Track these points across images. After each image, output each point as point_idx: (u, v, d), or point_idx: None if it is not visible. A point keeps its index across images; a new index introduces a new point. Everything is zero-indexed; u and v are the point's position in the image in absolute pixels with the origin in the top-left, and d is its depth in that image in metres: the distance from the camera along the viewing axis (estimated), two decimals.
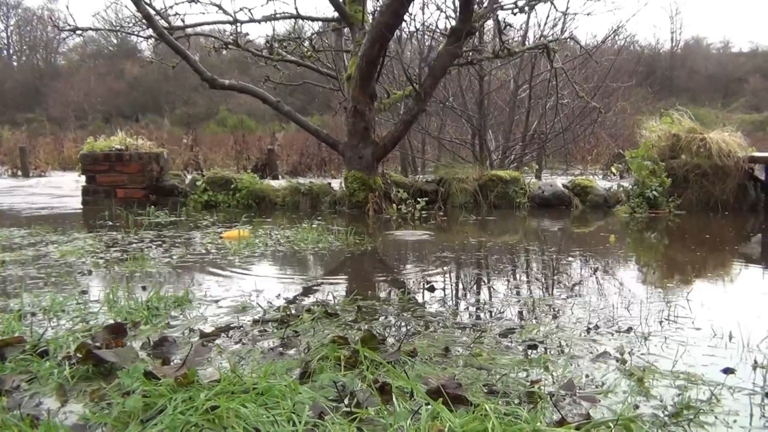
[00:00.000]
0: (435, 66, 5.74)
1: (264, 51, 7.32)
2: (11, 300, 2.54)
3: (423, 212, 5.67)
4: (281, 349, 1.93)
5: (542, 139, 10.86)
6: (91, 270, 3.17)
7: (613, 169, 6.64)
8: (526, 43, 9.01)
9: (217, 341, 2.02)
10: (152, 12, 5.75)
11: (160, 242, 4.11)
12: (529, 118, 11.64)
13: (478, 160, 11.50)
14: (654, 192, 5.69)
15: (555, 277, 3.12)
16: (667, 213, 5.73)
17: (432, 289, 2.76)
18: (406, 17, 5.78)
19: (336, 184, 6.63)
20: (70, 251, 3.65)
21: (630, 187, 6.02)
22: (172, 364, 1.80)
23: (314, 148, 13.07)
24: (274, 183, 6.66)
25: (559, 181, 6.50)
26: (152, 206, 5.93)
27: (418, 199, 5.74)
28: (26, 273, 3.11)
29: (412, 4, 5.73)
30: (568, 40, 7.11)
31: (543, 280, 3.09)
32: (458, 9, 5.59)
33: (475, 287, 2.92)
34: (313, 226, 4.90)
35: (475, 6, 5.62)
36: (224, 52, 7.84)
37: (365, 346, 1.87)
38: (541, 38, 8.38)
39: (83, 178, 6.57)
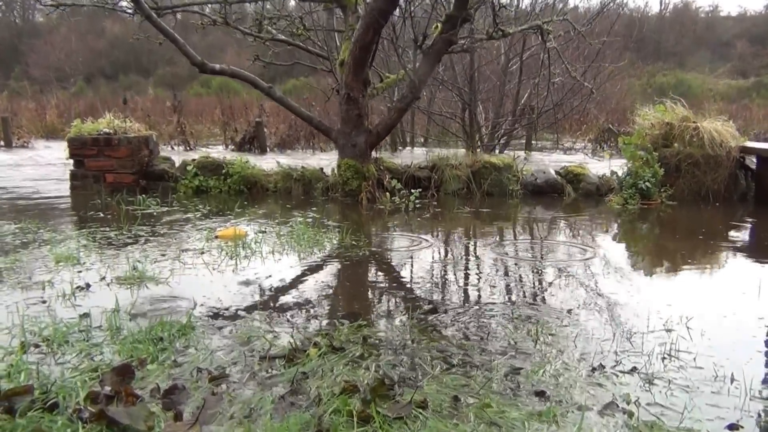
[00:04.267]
0: (430, 53, 5.65)
1: (253, 29, 7.18)
2: (13, 324, 2.53)
3: (416, 203, 5.65)
4: (291, 398, 1.93)
5: (532, 116, 10.81)
6: (89, 284, 3.14)
7: (606, 155, 6.61)
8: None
9: (226, 385, 2.02)
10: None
11: (154, 242, 4.08)
12: (519, 92, 11.58)
13: (467, 134, 11.47)
14: (646, 183, 5.71)
15: (555, 296, 3.14)
16: (658, 203, 5.76)
17: (434, 311, 2.77)
18: (401, 2, 5.66)
19: (327, 167, 6.59)
20: (65, 257, 3.61)
21: (623, 176, 6.03)
22: (184, 419, 1.80)
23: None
24: (266, 167, 6.59)
25: (552, 169, 6.50)
26: (143, 194, 5.89)
27: (412, 191, 5.72)
28: (22, 284, 3.09)
29: None
30: (562, 19, 7.00)
31: (544, 298, 3.11)
32: None
33: (475, 306, 2.93)
34: (308, 219, 4.90)
35: None
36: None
37: (376, 395, 1.89)
38: (533, 11, 8.25)
39: (69, 153, 6.42)
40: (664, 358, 2.27)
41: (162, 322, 2.52)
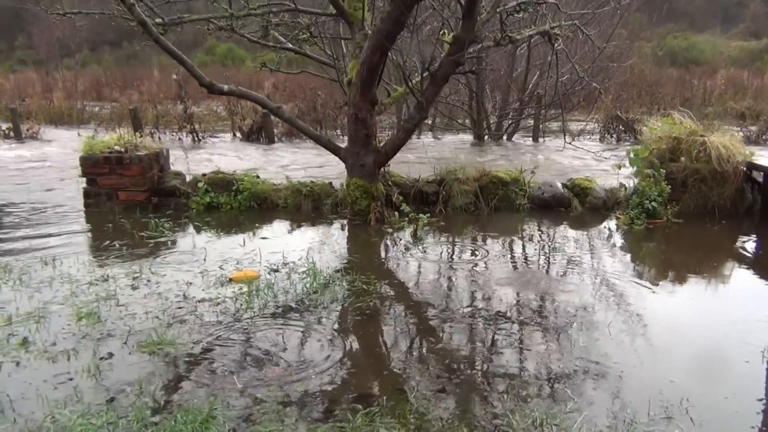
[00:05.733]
0: (437, 75, 5.66)
1: (259, 33, 7.18)
2: (44, 414, 2.67)
3: (425, 227, 5.73)
4: None
5: (539, 106, 10.77)
6: (112, 353, 3.27)
7: (614, 169, 6.61)
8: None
9: None
10: (146, 18, 5.59)
11: (171, 287, 4.19)
12: (527, 78, 11.53)
13: (475, 122, 11.48)
14: (652, 203, 5.76)
15: (559, 380, 3.26)
16: (665, 222, 5.82)
17: (443, 390, 2.90)
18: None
19: (335, 180, 6.68)
20: (87, 313, 3.73)
21: (629, 193, 6.07)
22: None
23: (309, 103, 12.86)
24: (275, 180, 6.67)
25: (559, 182, 6.55)
26: (155, 212, 6.04)
27: (420, 216, 5.79)
28: (48, 353, 3.22)
29: (415, 9, 5.58)
30: (570, 23, 6.93)
31: (542, 373, 3.22)
32: (461, 17, 5.46)
33: (481, 383, 3.04)
34: (319, 249, 5.02)
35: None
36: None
37: None
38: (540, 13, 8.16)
39: (82, 172, 6.49)
40: None
41: (184, 411, 2.65)
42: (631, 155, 6.27)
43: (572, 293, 4.19)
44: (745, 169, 6.12)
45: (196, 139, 11.56)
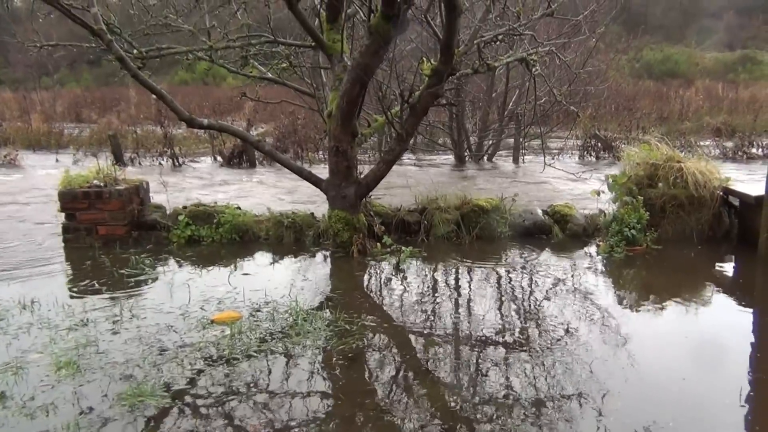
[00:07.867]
0: (417, 107, 5.69)
1: (238, 63, 7.19)
2: None
3: (408, 259, 5.74)
4: None
5: (519, 128, 10.87)
6: (92, 407, 3.23)
7: (593, 194, 6.67)
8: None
9: None
10: (125, 54, 5.58)
11: (153, 330, 4.16)
12: (507, 98, 11.63)
13: (455, 143, 11.55)
14: (632, 231, 5.82)
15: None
16: (644, 248, 5.88)
17: None
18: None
19: (318, 210, 6.68)
20: (66, 362, 3.68)
21: (608, 220, 6.13)
22: None
23: (290, 127, 12.87)
24: (257, 212, 6.64)
25: (539, 209, 6.60)
26: (136, 249, 5.98)
27: (403, 249, 5.81)
28: (26, 409, 3.17)
29: (393, 43, 5.61)
30: (548, 50, 7.00)
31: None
32: (439, 50, 5.50)
33: None
34: (301, 286, 5.00)
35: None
36: None
37: None
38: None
39: (61, 207, 6.44)
40: None
41: None
42: (610, 181, 6.33)
43: (558, 328, 4.22)
44: (721, 194, 6.21)
45: (177, 163, 11.50)
